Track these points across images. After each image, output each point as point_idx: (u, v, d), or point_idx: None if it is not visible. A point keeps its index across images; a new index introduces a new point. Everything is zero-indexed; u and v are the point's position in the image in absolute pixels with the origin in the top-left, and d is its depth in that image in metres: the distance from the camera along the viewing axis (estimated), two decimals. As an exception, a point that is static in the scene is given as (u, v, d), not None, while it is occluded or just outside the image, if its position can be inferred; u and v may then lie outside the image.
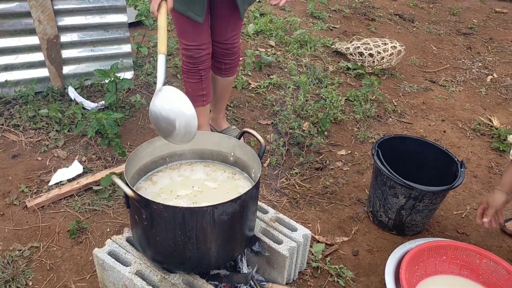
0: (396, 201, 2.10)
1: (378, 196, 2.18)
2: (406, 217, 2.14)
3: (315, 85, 3.31)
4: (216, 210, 1.49)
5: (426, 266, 1.92)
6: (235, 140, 1.82)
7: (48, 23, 2.70)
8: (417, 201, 2.06)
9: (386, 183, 2.10)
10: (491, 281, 1.90)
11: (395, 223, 2.18)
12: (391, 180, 2.06)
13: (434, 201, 2.09)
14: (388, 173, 2.05)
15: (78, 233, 2.05)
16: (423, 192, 2.02)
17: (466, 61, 4.09)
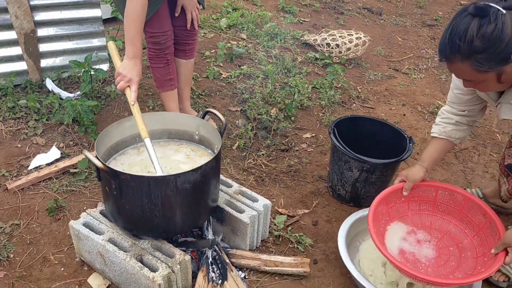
0: (351, 174, 2.29)
1: (336, 171, 2.36)
2: (361, 189, 2.33)
3: (284, 74, 3.49)
4: (178, 179, 1.65)
5: (389, 212, 2.02)
6: (199, 120, 1.99)
7: (25, 18, 2.84)
8: (369, 173, 2.25)
9: (341, 158, 2.29)
10: (450, 209, 2.00)
11: (352, 195, 2.37)
12: (346, 155, 2.24)
13: (385, 173, 2.28)
14: (342, 149, 2.23)
15: (56, 211, 2.19)
16: (374, 165, 2.21)
17: (429, 50, 4.31)
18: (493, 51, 1.40)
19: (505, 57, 1.41)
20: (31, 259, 1.96)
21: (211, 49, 3.74)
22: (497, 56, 1.42)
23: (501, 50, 1.40)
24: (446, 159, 2.84)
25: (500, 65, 1.44)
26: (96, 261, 1.87)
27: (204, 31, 4.02)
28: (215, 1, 4.60)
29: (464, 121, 1.96)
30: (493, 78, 1.50)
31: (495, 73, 1.48)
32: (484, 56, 1.42)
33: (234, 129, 2.86)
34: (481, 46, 1.40)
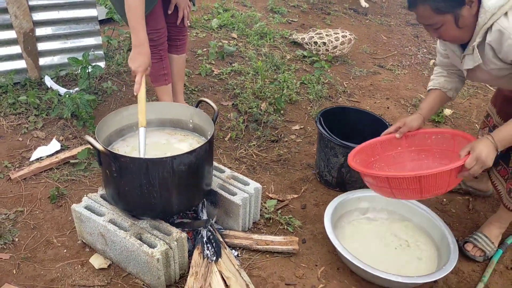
0: (336, 160, 2.44)
1: (322, 158, 2.51)
2: (346, 174, 2.47)
3: (273, 71, 3.64)
4: (174, 161, 1.78)
5: (383, 159, 2.07)
6: (192, 108, 2.12)
7: (24, 18, 2.96)
8: None
9: (327, 145, 2.43)
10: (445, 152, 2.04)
11: (338, 180, 2.51)
12: (331, 142, 2.39)
13: None
14: (328, 136, 2.38)
15: (58, 199, 2.31)
16: None
17: (412, 48, 4.49)
18: None
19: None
20: (35, 242, 2.07)
21: (203, 48, 3.88)
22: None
23: None
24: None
25: (456, 7, 1.58)
26: (97, 242, 1.99)
27: (196, 31, 4.16)
28: (207, 3, 4.75)
29: (453, 75, 2.06)
30: (451, 22, 1.61)
31: (452, 16, 1.60)
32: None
33: (226, 122, 3.00)
34: None
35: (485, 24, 1.59)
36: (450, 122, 3.29)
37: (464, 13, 1.59)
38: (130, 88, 3.20)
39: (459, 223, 2.39)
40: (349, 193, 2.33)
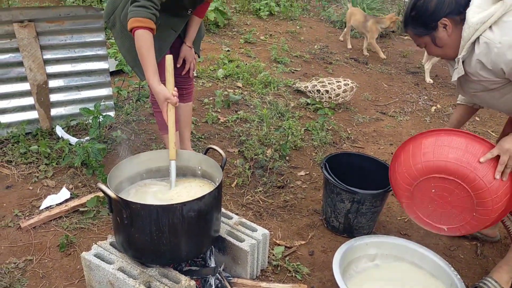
0: (343, 206, 2.46)
1: (329, 203, 2.53)
2: (353, 220, 2.48)
3: (278, 118, 3.73)
4: (184, 207, 1.81)
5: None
6: (201, 155, 2.18)
7: (38, 71, 3.08)
8: (360, 204, 2.42)
9: (333, 191, 2.46)
10: None
11: (345, 226, 2.53)
12: (337, 188, 2.42)
13: (374, 204, 2.45)
14: (334, 182, 2.42)
15: (67, 247, 2.32)
16: (364, 196, 2.38)
17: (413, 95, 4.59)
18: (422, 18, 1.87)
19: (433, 23, 1.85)
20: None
21: (209, 97, 3.99)
22: (426, 22, 1.87)
23: (427, 17, 1.85)
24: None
25: (430, 30, 1.87)
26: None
27: (203, 80, 4.30)
28: (213, 54, 4.92)
29: None
30: (430, 42, 1.92)
31: (430, 38, 1.90)
32: (417, 23, 1.90)
33: (232, 169, 3.05)
34: (414, 14, 1.90)
35: (470, 39, 1.77)
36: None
37: (440, 34, 1.87)
38: (139, 136, 3.28)
39: (468, 268, 2.38)
40: (357, 239, 2.33)
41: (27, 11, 2.91)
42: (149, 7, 2.09)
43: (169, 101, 2.04)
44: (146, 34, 2.08)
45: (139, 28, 2.07)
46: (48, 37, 3.05)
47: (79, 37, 3.15)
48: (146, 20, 2.08)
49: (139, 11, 2.07)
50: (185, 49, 2.64)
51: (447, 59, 1.99)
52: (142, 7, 2.07)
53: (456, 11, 1.82)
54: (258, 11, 6.56)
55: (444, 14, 1.83)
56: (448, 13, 1.83)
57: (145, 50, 2.09)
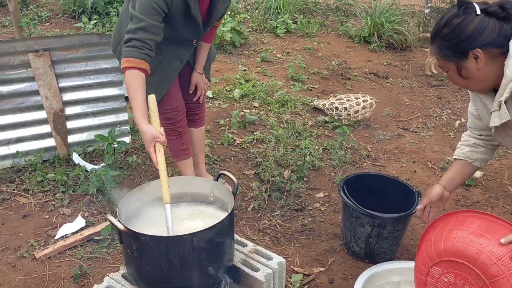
0: (363, 230, 2.35)
1: (348, 227, 2.43)
2: (374, 245, 2.37)
3: (295, 137, 3.65)
4: (194, 238, 1.75)
5: None
6: (213, 182, 2.12)
7: (54, 99, 3.11)
8: (381, 228, 2.31)
9: (352, 215, 2.36)
10: None
11: (366, 251, 2.41)
12: (356, 211, 2.32)
13: (396, 227, 2.33)
14: (352, 205, 2.32)
15: (81, 278, 2.29)
16: (384, 220, 2.28)
17: (436, 109, 4.45)
18: (453, 41, 1.58)
19: (463, 51, 1.57)
20: (56, 325, 2.03)
21: (225, 118, 3.96)
22: (456, 46, 1.58)
23: (459, 42, 1.57)
24: (459, 212, 2.87)
25: (458, 57, 1.60)
26: (118, 324, 1.93)
27: (219, 101, 4.27)
28: (229, 74, 4.91)
29: (481, 143, 1.98)
30: (454, 69, 1.64)
31: (455, 65, 1.63)
32: (445, 43, 1.61)
33: (248, 192, 2.98)
34: (446, 32, 1.60)
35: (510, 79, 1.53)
36: (481, 185, 3.18)
37: (468, 65, 1.60)
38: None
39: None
40: (379, 265, 2.22)
41: (41, 41, 2.95)
42: (141, 47, 2.08)
43: (157, 140, 1.95)
44: (136, 74, 2.06)
45: (129, 68, 2.06)
46: (63, 65, 3.08)
47: (93, 64, 3.17)
48: (137, 61, 2.07)
49: (130, 51, 2.07)
50: (196, 76, 2.61)
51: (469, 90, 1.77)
52: (134, 48, 2.07)
53: (497, 43, 1.54)
54: (275, 29, 6.55)
55: (480, 44, 1.54)
56: (485, 44, 1.54)
57: (133, 91, 2.06)
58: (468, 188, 3.13)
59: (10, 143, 3.14)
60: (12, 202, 2.85)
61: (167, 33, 2.23)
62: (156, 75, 2.36)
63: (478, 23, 1.54)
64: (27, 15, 6.60)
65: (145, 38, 2.09)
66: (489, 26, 1.54)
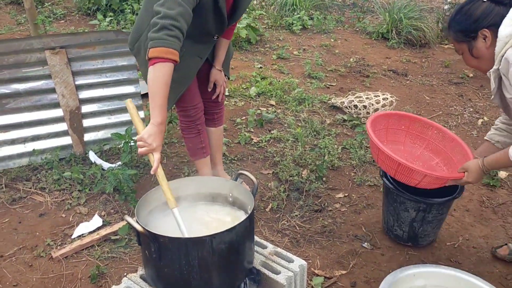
0: (407, 215, 2.38)
1: (391, 212, 2.46)
2: (418, 229, 2.40)
3: (313, 136, 3.58)
4: (214, 240, 1.70)
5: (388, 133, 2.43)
6: (231, 182, 2.07)
7: (71, 97, 3.09)
8: (426, 213, 2.33)
9: (396, 200, 2.39)
10: (438, 148, 2.40)
11: (409, 235, 2.45)
12: (401, 197, 2.35)
13: (441, 211, 2.35)
14: (396, 190, 2.34)
15: (98, 278, 2.26)
16: (430, 204, 2.30)
17: (458, 107, 4.34)
18: (464, 24, 1.84)
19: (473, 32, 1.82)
20: (73, 326, 2.00)
21: (242, 116, 3.90)
22: (466, 28, 1.84)
23: (469, 24, 1.82)
24: (484, 215, 2.78)
25: (470, 38, 1.84)
26: (135, 327, 1.89)
27: (235, 99, 4.22)
28: (245, 72, 4.85)
29: (504, 127, 2.17)
30: (467, 50, 1.89)
31: (467, 46, 1.87)
32: (458, 27, 1.87)
33: (266, 192, 2.92)
34: (458, 19, 1.88)
35: (500, 52, 1.75)
36: (507, 186, 3.07)
37: (478, 45, 1.83)
38: (171, 160, 3.21)
39: (530, 301, 2.14)
40: (403, 269, 2.14)
41: (58, 38, 2.93)
42: (179, 37, 1.88)
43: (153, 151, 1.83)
44: (169, 68, 1.85)
45: (164, 60, 1.83)
46: (80, 62, 3.06)
47: (110, 62, 3.14)
48: (176, 52, 1.86)
49: (173, 42, 1.85)
50: (215, 73, 2.56)
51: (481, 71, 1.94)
52: (175, 38, 1.86)
53: (500, 24, 1.75)
54: (291, 26, 6.46)
55: (486, 25, 1.79)
56: (491, 25, 1.78)
57: (160, 85, 1.84)
58: (493, 189, 3.03)
59: (27, 141, 3.13)
60: (29, 200, 2.84)
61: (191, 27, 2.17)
62: (176, 72, 2.30)
63: (484, 8, 1.80)
64: (42, 12, 6.62)
65: (183, 28, 1.89)
66: (494, 10, 1.78)
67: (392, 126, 2.46)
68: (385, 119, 2.43)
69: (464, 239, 2.57)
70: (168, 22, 1.86)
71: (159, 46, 1.84)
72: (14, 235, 2.56)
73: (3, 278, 2.27)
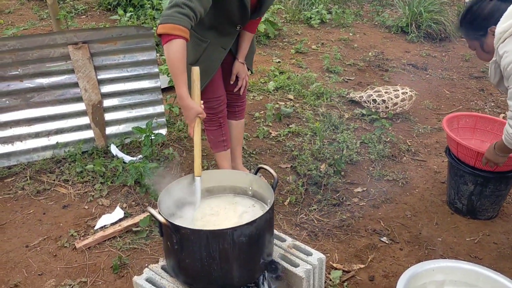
0: (466, 188, 2.57)
1: (452, 186, 2.66)
2: (476, 202, 2.58)
3: (332, 131, 3.58)
4: (235, 232, 1.73)
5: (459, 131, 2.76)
6: (252, 176, 2.09)
7: (93, 91, 3.15)
8: (483, 186, 2.51)
9: (457, 173, 2.59)
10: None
11: (468, 208, 2.63)
12: (460, 170, 2.55)
13: (498, 187, 2.52)
14: (457, 164, 2.55)
15: (120, 268, 2.31)
16: (487, 178, 2.45)
17: (479, 102, 4.28)
18: (474, 23, 2.00)
19: (482, 29, 1.97)
20: (97, 315, 2.06)
21: (260, 111, 3.92)
22: (477, 26, 1.99)
23: (479, 22, 1.98)
24: (505, 210, 2.75)
25: (480, 36, 2.00)
26: (157, 316, 1.93)
27: (253, 94, 4.23)
28: (263, 66, 4.86)
29: None
30: (479, 46, 2.05)
31: (478, 43, 2.03)
32: (469, 26, 2.04)
33: (285, 185, 2.94)
34: (468, 18, 2.04)
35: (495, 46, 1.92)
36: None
37: (488, 40, 1.98)
38: (191, 153, 3.26)
39: (552, 298, 2.11)
40: (423, 264, 2.14)
41: (81, 33, 2.98)
42: (192, 18, 1.97)
43: (200, 116, 1.96)
44: (183, 44, 1.95)
45: (177, 37, 1.92)
46: (102, 57, 3.11)
47: (131, 57, 3.18)
48: (186, 30, 1.94)
49: (181, 19, 1.93)
50: (237, 66, 2.57)
51: None
52: (185, 16, 1.94)
53: None
54: (309, 20, 6.44)
55: (494, 22, 1.91)
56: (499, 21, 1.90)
57: (178, 62, 1.95)
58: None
59: (50, 134, 3.20)
60: (53, 192, 2.91)
61: (213, 17, 2.18)
62: (200, 63, 2.33)
63: (492, 6, 1.95)
64: (64, 8, 6.73)
65: (196, 10, 1.97)
66: (500, 9, 1.90)
67: (464, 125, 2.80)
68: (456, 120, 2.79)
69: (484, 235, 2.55)
70: (181, 1, 1.94)
71: (167, 23, 1.92)
72: (39, 226, 2.63)
73: (28, 267, 2.34)
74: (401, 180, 3.03)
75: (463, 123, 2.82)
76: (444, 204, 2.81)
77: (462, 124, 2.82)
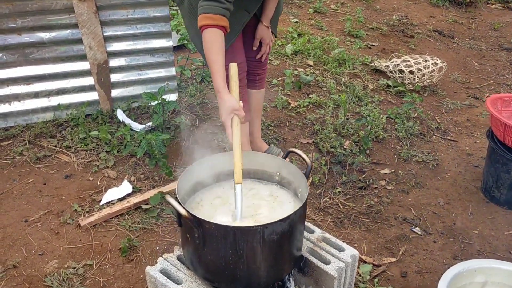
0: (508, 177, 2.37)
1: (491, 173, 2.46)
2: None
3: (355, 103, 3.32)
4: (266, 230, 1.51)
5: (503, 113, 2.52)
6: (280, 160, 1.85)
7: (98, 49, 2.84)
8: None
9: (499, 161, 2.39)
10: None
11: (507, 197, 2.45)
12: (504, 158, 2.35)
13: None
14: (501, 151, 2.35)
15: (129, 251, 2.11)
16: None
17: (510, 76, 4.00)
18: None
19: None
20: (104, 304, 1.87)
21: (277, 77, 3.63)
22: None
23: None
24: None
25: None
26: (172, 312, 1.74)
27: (270, 57, 3.92)
28: (280, 27, 4.51)
29: None
30: None
31: None
32: None
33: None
34: None
35: None
36: None
37: None
38: (203, 122, 3.00)
39: None
40: (463, 263, 1.95)
41: (86, -16, 2.64)
42: (222, 1, 1.78)
43: (236, 112, 1.68)
44: (217, 34, 1.80)
45: (209, 26, 1.78)
46: (109, 11, 2.79)
47: (141, 12, 2.86)
48: (218, 17, 1.79)
49: (210, 7, 1.78)
50: (261, 29, 2.28)
51: None
52: (213, 1, 1.77)
53: None
54: (327, -23, 6.01)
55: None
56: None
57: (214, 53, 1.79)
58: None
59: (51, 94, 2.93)
60: (54, 159, 2.67)
61: None
62: None
63: None
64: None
65: None
66: None
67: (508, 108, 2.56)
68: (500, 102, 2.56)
69: (524, 229, 2.36)
70: None
71: (200, 14, 1.80)
72: (39, 198, 2.41)
73: (28, 246, 2.13)
74: (431, 162, 2.80)
75: (507, 106, 2.56)
76: (479, 191, 2.60)
77: (506, 107, 2.56)
